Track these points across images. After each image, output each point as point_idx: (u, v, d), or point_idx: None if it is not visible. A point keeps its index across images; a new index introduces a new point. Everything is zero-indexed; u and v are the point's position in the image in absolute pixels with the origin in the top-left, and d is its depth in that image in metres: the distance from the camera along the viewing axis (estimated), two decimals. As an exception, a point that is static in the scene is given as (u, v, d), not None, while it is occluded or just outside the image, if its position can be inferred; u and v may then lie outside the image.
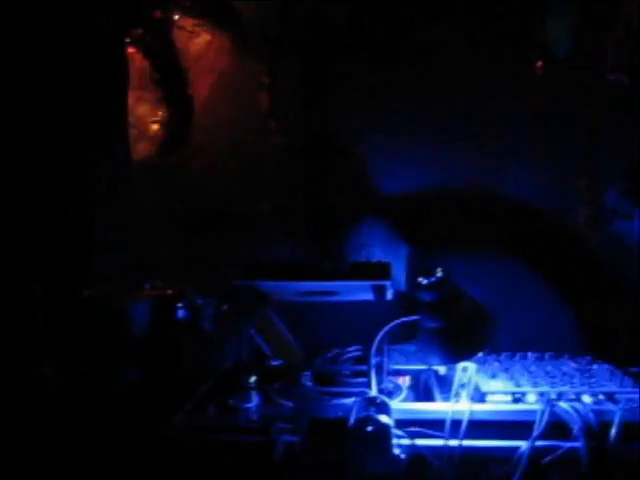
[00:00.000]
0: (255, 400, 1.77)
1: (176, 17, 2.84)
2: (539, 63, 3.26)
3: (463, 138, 3.23)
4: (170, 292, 2.14)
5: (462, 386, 1.73)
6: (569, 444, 1.56)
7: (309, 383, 1.84)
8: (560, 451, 1.56)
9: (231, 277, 1.92)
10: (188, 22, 2.91)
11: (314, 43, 3.26)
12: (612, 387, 1.72)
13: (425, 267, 1.62)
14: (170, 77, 2.78)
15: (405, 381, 1.89)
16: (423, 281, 1.60)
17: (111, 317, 2.01)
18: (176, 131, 2.91)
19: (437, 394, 1.80)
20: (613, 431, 1.56)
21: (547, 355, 1.98)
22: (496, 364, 1.89)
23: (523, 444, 1.57)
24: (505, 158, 3.36)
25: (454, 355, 1.73)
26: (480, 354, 1.87)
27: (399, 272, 2.41)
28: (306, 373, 1.88)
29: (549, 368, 1.86)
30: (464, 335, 1.70)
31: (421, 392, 1.88)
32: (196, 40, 2.98)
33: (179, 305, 2.07)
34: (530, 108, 3.24)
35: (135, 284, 2.18)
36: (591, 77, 3.06)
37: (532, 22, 3.05)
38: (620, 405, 1.62)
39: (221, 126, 3.22)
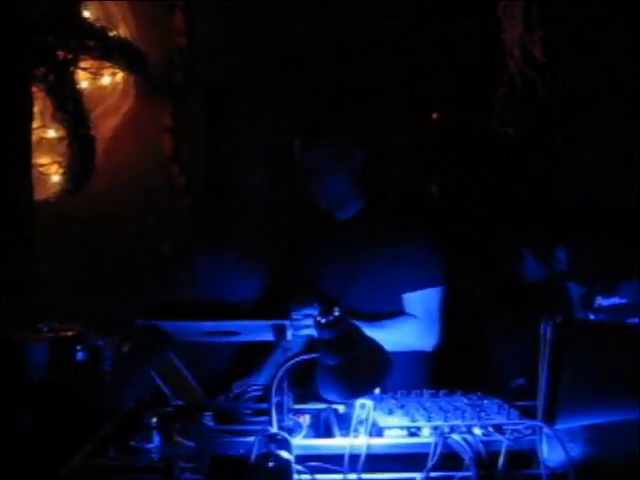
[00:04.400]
0: (156, 440, 1.76)
1: (81, 57, 2.85)
2: (435, 115, 3.46)
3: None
4: (69, 333, 2.11)
5: (360, 422, 1.78)
6: (461, 474, 1.64)
7: (210, 422, 1.85)
8: (453, 480, 1.63)
9: (132, 318, 1.93)
10: (93, 63, 2.92)
11: (219, 88, 3.33)
12: (500, 419, 1.82)
13: (323, 306, 1.68)
14: (72, 117, 2.78)
15: (305, 419, 1.93)
16: (322, 320, 1.65)
17: (5, 359, 1.97)
18: (78, 172, 2.89)
19: (336, 431, 1.85)
20: (501, 460, 1.66)
21: (441, 392, 2.06)
22: (393, 401, 1.96)
23: (418, 476, 1.63)
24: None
25: (352, 391, 1.79)
26: (377, 391, 1.93)
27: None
28: (207, 413, 1.89)
29: (443, 404, 1.94)
30: (361, 372, 1.76)
31: (321, 429, 1.92)
32: (100, 81, 2.99)
33: (78, 347, 2.05)
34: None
35: (32, 325, 2.14)
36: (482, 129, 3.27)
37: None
38: (507, 435, 1.71)
39: (124, 168, 3.23)
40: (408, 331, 2.23)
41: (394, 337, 2.08)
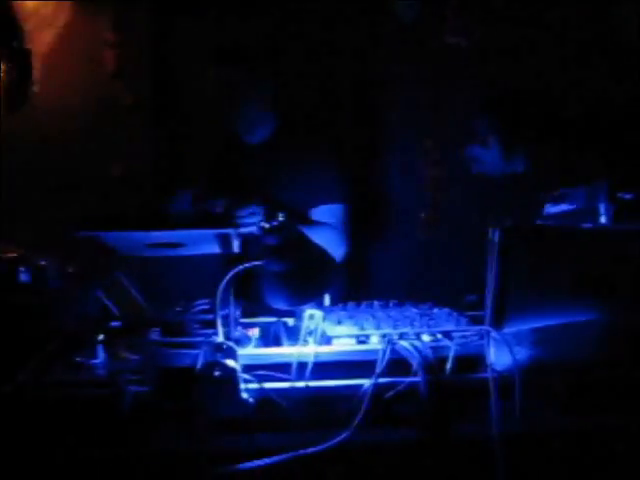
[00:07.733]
0: (102, 356, 1.74)
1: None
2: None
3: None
4: (11, 255, 2.04)
5: (309, 333, 1.77)
6: (409, 379, 1.65)
7: (157, 336, 1.83)
8: (401, 386, 1.64)
9: (74, 231, 1.87)
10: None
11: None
12: (449, 326, 1.83)
13: (268, 212, 1.65)
14: (5, 30, 2.63)
15: (255, 333, 1.91)
16: (266, 225, 1.62)
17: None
18: (16, 88, 2.75)
19: (285, 342, 1.85)
20: (448, 365, 1.67)
21: (392, 303, 2.06)
22: (342, 312, 1.95)
23: (366, 382, 1.63)
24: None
25: (297, 297, 1.78)
26: (327, 302, 1.92)
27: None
28: (154, 328, 1.86)
29: (393, 313, 1.94)
30: (306, 277, 1.75)
31: (270, 341, 1.91)
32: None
33: (21, 268, 1.99)
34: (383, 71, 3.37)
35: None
36: (434, 41, 3.21)
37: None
38: (455, 341, 1.72)
39: (63, 85, 3.09)
40: (323, 238, 2.30)
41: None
